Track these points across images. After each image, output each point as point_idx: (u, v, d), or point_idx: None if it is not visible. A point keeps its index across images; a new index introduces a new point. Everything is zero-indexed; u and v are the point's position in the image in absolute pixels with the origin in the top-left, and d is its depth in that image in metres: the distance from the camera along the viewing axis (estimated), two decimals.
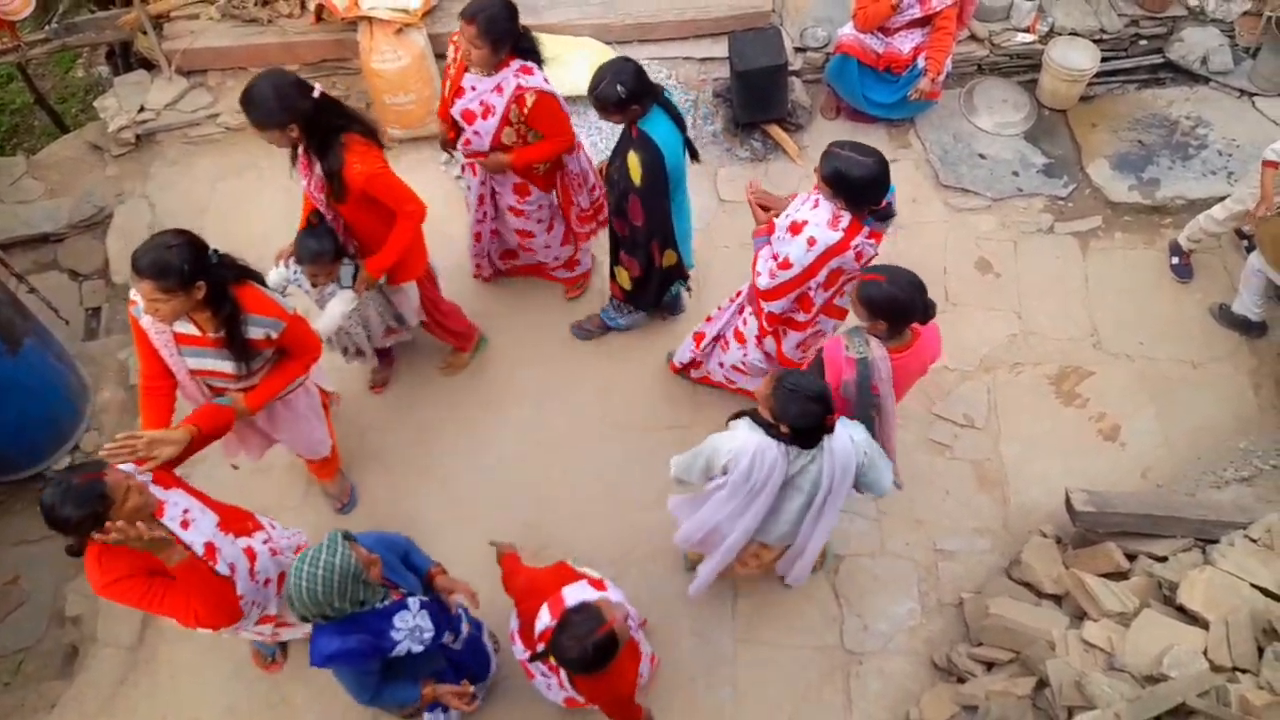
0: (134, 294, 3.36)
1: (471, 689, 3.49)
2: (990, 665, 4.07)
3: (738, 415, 3.59)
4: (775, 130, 5.93)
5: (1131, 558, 4.16)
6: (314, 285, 4.15)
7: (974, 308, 5.33)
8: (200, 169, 5.94)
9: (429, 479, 4.81)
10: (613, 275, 4.83)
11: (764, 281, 3.95)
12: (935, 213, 5.68)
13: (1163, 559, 4.05)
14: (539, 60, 4.14)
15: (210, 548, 3.27)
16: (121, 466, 3.11)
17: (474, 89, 4.14)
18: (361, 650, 3.16)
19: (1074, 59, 5.84)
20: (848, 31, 5.63)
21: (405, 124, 5.84)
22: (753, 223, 4.09)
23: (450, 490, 4.79)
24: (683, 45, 6.22)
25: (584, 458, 4.88)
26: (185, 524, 3.23)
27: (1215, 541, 4.02)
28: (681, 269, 4.73)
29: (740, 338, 4.49)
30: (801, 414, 3.23)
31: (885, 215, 3.74)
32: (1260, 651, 3.41)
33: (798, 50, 6.10)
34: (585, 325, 5.20)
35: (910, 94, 5.63)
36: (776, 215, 4.00)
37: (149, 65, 6.12)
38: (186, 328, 3.39)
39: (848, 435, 3.43)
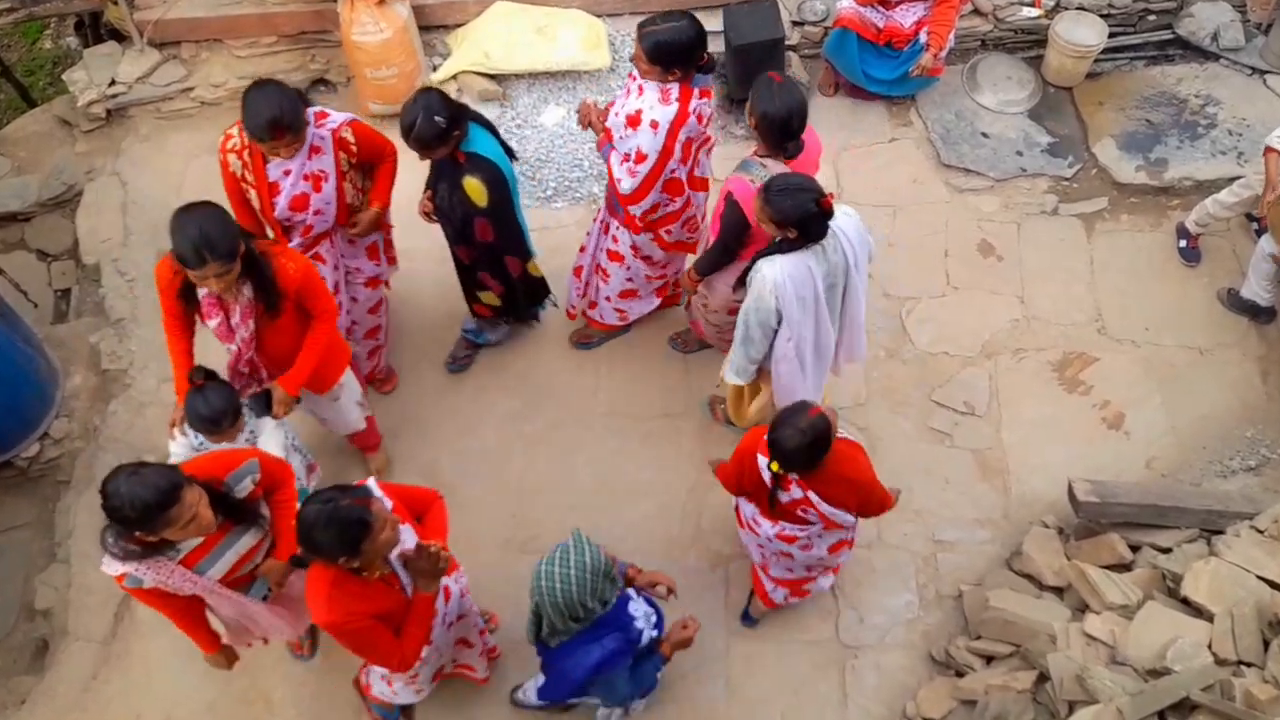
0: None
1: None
2: (990, 659, 4.10)
3: (744, 276, 3.82)
4: None
5: (1135, 549, 4.19)
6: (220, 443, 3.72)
7: (975, 291, 5.34)
8: (174, 145, 5.90)
9: (413, 469, 4.82)
10: (476, 301, 4.72)
11: (627, 184, 4.05)
12: (936, 193, 5.68)
13: (1167, 550, 4.08)
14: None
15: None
16: None
17: (288, 173, 3.88)
18: (621, 649, 3.20)
19: (1081, 34, 5.83)
20: (847, 5, 5.62)
21: (387, 99, 5.80)
22: None
23: (435, 480, 4.78)
24: None
25: (575, 447, 4.89)
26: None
27: (1221, 532, 4.05)
28: (544, 282, 4.75)
29: (616, 257, 4.55)
30: (797, 205, 3.44)
31: (708, 69, 3.89)
32: (1266, 645, 3.45)
33: (795, 24, 6.07)
34: (456, 355, 5.09)
35: (912, 70, 5.62)
36: (601, 126, 4.16)
37: (120, 36, 6.07)
38: (190, 544, 3.16)
39: (842, 210, 3.69)
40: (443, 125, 3.81)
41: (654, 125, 3.87)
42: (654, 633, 3.39)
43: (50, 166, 5.80)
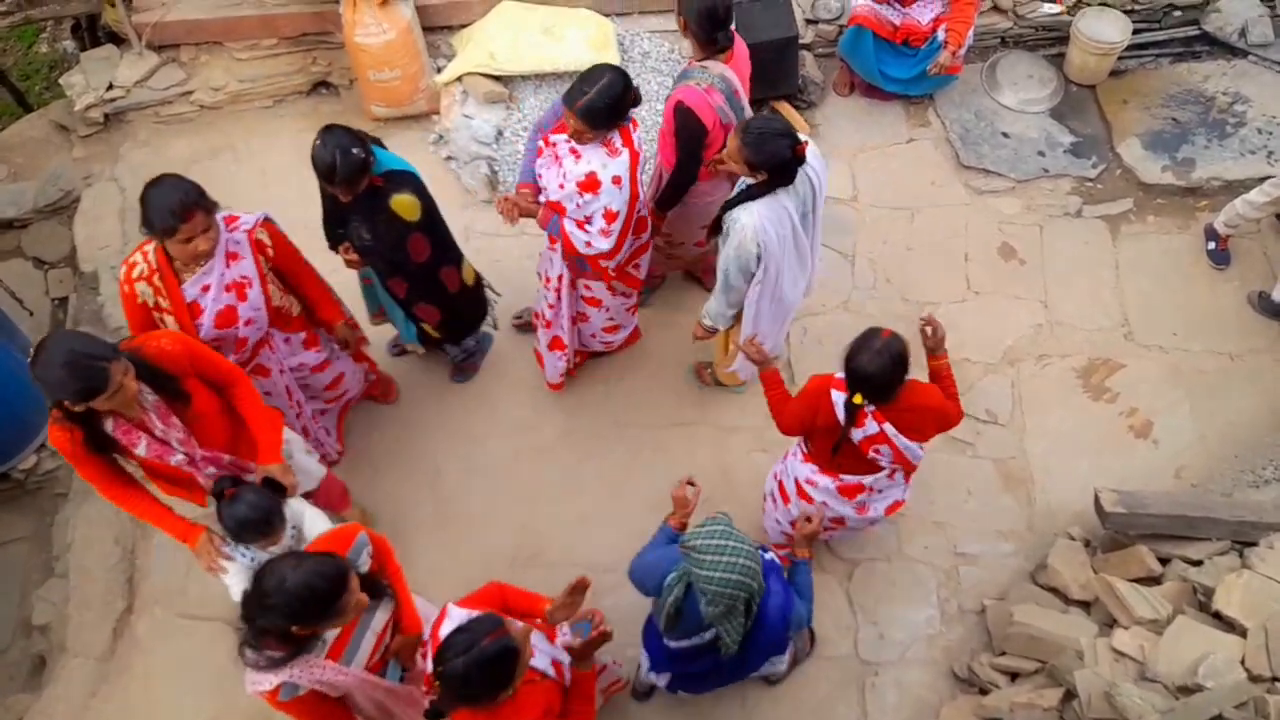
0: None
1: None
2: (1014, 676, 4.09)
3: (715, 224, 3.98)
4: (785, 107, 5.93)
5: (1164, 561, 4.17)
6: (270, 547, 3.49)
7: (997, 296, 5.34)
8: (173, 150, 5.94)
9: (417, 479, 4.83)
10: (420, 340, 4.62)
11: (604, 244, 4.01)
12: (956, 195, 5.69)
13: (1198, 563, 4.06)
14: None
15: (556, 665, 3.17)
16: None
17: (206, 288, 3.66)
18: (780, 576, 3.36)
19: (1104, 31, 5.83)
20: (863, 2, 5.63)
21: (391, 101, 5.84)
22: None
23: (439, 491, 4.80)
24: None
25: (584, 458, 4.90)
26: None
27: (1254, 544, 4.03)
28: (481, 282, 4.68)
29: (594, 302, 4.55)
30: (775, 151, 3.61)
31: (636, 102, 3.86)
32: None
33: (809, 22, 6.09)
34: (462, 368, 5.09)
35: (929, 68, 5.62)
36: (535, 208, 4.10)
37: (118, 40, 6.11)
38: (332, 635, 3.08)
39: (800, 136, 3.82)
40: (361, 156, 3.73)
41: (616, 181, 3.86)
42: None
43: (47, 172, 5.84)
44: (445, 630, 2.93)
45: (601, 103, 3.68)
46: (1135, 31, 5.92)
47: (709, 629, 3.25)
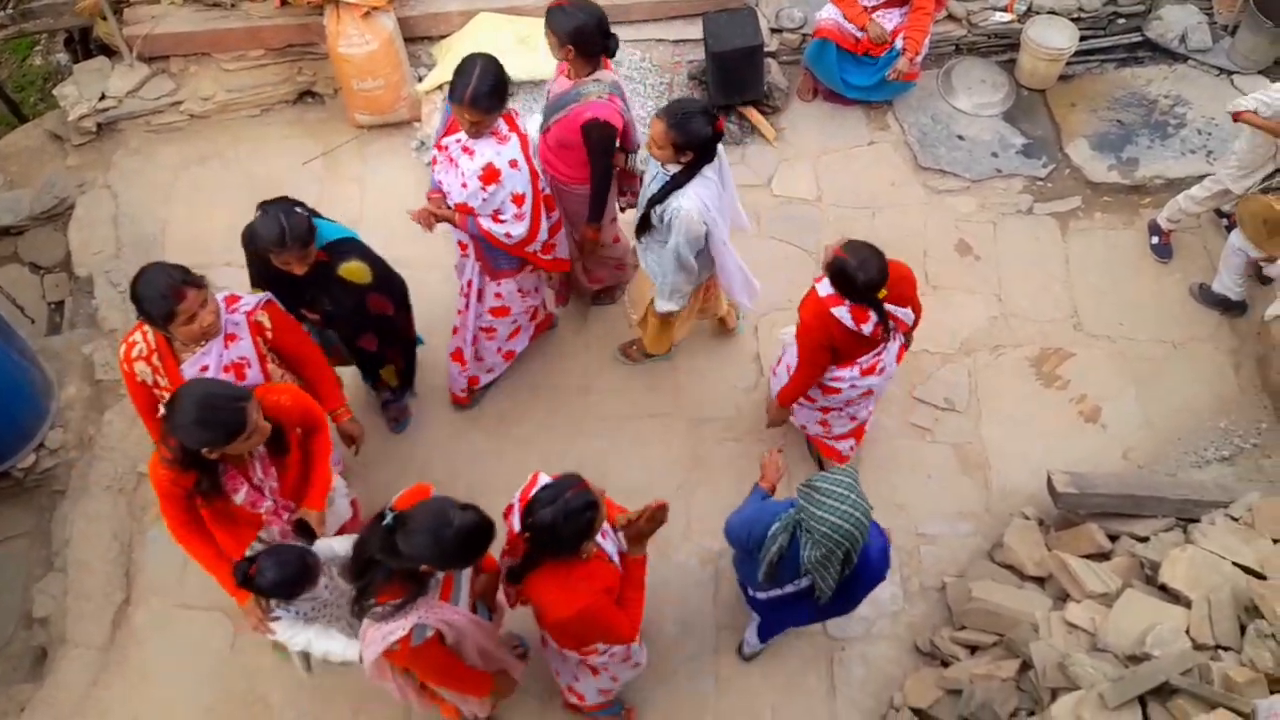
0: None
1: None
2: (974, 649, 4.12)
3: (643, 222, 4.05)
4: (752, 113, 5.94)
5: (1113, 538, 4.22)
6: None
7: (954, 290, 5.37)
8: (164, 158, 5.88)
9: (404, 473, 4.80)
10: (377, 379, 4.51)
11: (521, 229, 3.99)
12: (914, 195, 5.71)
13: (1144, 539, 4.11)
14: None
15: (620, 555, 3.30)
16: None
17: (205, 369, 3.46)
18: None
19: (1052, 38, 5.88)
20: (827, 15, 5.65)
21: (374, 110, 5.80)
22: None
23: (426, 481, 4.76)
24: (657, 27, 6.21)
25: (565, 449, 4.89)
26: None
27: (1197, 521, 4.09)
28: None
29: (501, 311, 4.54)
30: (699, 130, 3.67)
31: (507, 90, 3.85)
32: (1242, 629, 3.47)
33: (774, 31, 6.10)
34: (396, 417, 4.94)
35: (888, 74, 5.65)
36: (449, 212, 4.04)
37: (109, 52, 6.04)
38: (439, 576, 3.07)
39: None
40: (304, 214, 3.64)
41: (513, 164, 3.84)
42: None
43: (42, 180, 5.76)
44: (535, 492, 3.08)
45: (485, 86, 3.64)
46: (1082, 38, 5.97)
47: (805, 576, 3.30)
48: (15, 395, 4.72)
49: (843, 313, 3.70)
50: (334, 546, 3.50)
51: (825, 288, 3.75)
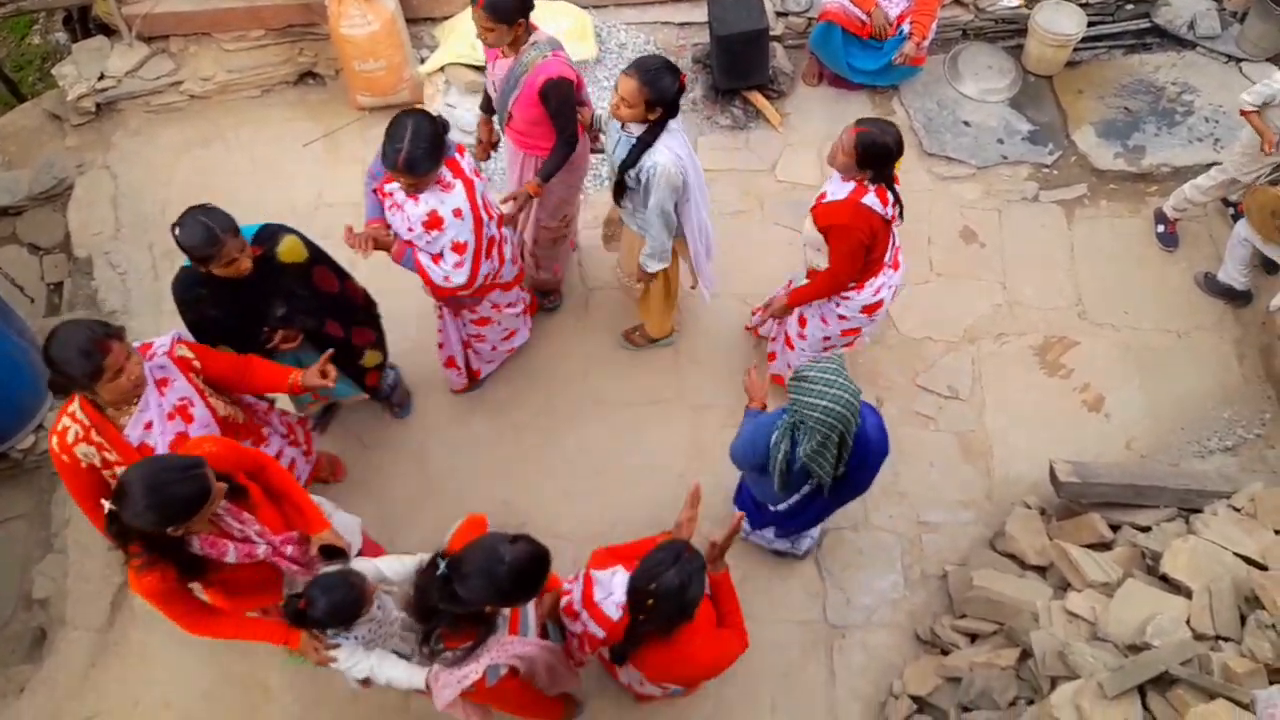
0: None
1: None
2: (974, 637, 4.13)
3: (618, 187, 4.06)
4: (756, 97, 5.92)
5: (1115, 528, 4.22)
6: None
7: (958, 278, 5.36)
8: (164, 139, 5.87)
9: (405, 456, 4.81)
10: (364, 374, 4.37)
11: (461, 277, 3.88)
12: (919, 181, 5.69)
13: (1146, 529, 4.11)
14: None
15: None
16: None
17: (149, 425, 3.27)
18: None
19: (1060, 23, 5.85)
20: None
21: (375, 91, 5.78)
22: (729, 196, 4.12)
23: (426, 467, 4.79)
24: (662, 9, 6.18)
25: (565, 435, 4.89)
26: None
27: (1199, 511, 4.09)
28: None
29: (486, 322, 4.50)
30: (668, 86, 3.73)
31: (447, 129, 3.78)
32: (1243, 619, 3.47)
33: (779, 14, 6.07)
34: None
35: (895, 58, 5.62)
36: (389, 239, 3.91)
37: (108, 31, 6.02)
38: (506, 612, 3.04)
39: None
40: (222, 211, 3.46)
41: (457, 213, 3.74)
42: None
43: (41, 160, 5.76)
44: (599, 593, 3.11)
45: (419, 150, 3.51)
46: (1090, 24, 5.94)
47: (809, 480, 3.46)
48: (14, 376, 4.72)
49: (872, 200, 3.84)
50: (380, 569, 3.29)
51: (842, 188, 3.89)
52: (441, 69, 5.80)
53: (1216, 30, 6.06)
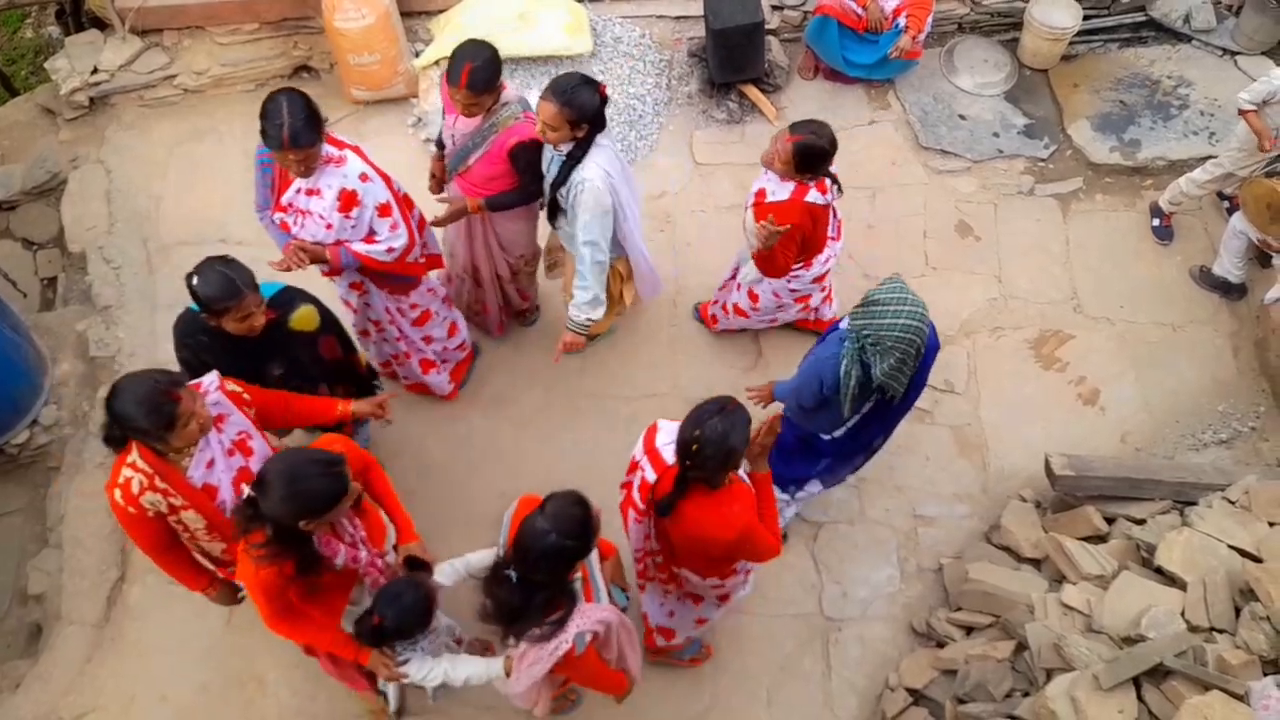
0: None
1: None
2: (969, 629, 4.15)
3: (552, 207, 4.02)
4: (752, 91, 5.92)
5: (1110, 521, 4.24)
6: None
7: (954, 271, 5.37)
8: (158, 133, 5.85)
9: (402, 452, 4.82)
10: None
11: (400, 240, 3.84)
12: (915, 175, 5.71)
13: (1141, 522, 4.14)
14: None
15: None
16: None
17: (211, 464, 3.23)
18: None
19: (1056, 17, 5.85)
20: None
21: (370, 85, 5.77)
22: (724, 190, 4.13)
23: (423, 461, 4.80)
24: (657, 3, 6.18)
25: (561, 428, 4.91)
26: None
27: (1194, 504, 4.11)
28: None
29: (427, 316, 4.45)
30: (588, 100, 3.66)
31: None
32: (1237, 611, 3.50)
33: (775, 8, 6.07)
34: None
35: (891, 52, 5.63)
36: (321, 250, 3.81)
37: (102, 24, 5.99)
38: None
39: None
40: (240, 263, 3.37)
41: (364, 178, 3.69)
42: None
43: (34, 155, 5.73)
44: (660, 439, 3.24)
45: (299, 121, 3.43)
46: (1085, 18, 5.95)
47: (870, 397, 3.57)
48: (9, 371, 4.72)
49: (814, 195, 4.01)
50: (470, 562, 3.36)
51: (783, 189, 4.00)
52: (436, 63, 5.79)
53: (1212, 24, 6.07)
